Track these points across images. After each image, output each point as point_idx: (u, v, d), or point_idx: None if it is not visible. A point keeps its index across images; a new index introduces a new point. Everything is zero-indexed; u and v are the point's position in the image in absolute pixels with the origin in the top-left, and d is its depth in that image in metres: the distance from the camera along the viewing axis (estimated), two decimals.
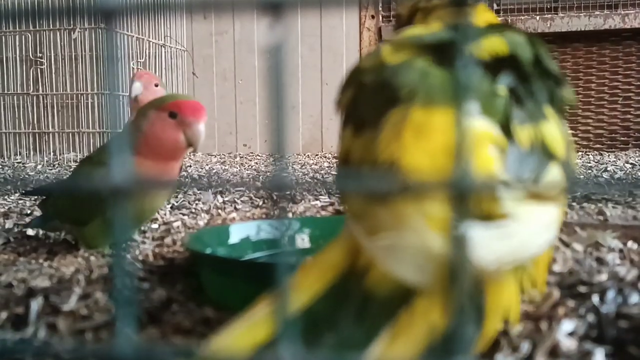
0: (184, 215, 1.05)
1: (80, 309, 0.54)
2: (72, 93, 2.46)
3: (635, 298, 0.50)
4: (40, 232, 0.92)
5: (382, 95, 0.41)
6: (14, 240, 0.89)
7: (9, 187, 1.35)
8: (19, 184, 0.91)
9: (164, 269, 0.68)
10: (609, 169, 1.77)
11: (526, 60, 0.43)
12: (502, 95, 0.41)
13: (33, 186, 0.91)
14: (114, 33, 0.25)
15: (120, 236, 0.26)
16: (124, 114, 1.67)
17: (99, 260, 0.74)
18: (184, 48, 2.74)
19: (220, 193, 1.25)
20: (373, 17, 2.65)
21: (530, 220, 0.36)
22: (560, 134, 0.42)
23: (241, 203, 1.18)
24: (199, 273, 0.61)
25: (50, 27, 2.35)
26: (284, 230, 0.25)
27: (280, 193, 0.24)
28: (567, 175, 0.41)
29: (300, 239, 0.73)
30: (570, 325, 0.45)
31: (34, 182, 1.08)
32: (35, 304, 0.55)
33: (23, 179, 1.65)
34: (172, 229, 0.93)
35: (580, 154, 2.34)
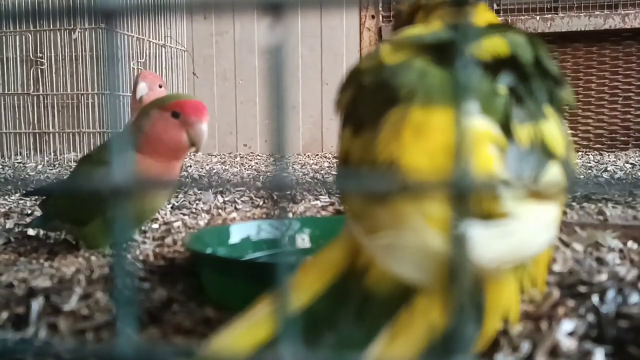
0: (184, 215, 1.05)
1: (81, 309, 0.54)
2: (73, 93, 2.45)
3: (635, 298, 0.50)
4: (40, 232, 0.92)
5: (381, 96, 0.41)
6: (14, 240, 0.89)
7: (9, 187, 1.35)
8: (20, 184, 0.91)
9: (164, 269, 0.68)
10: (609, 169, 1.77)
11: (527, 61, 0.43)
12: (502, 94, 0.41)
13: (33, 186, 0.91)
14: (114, 33, 0.25)
15: (120, 236, 0.26)
16: (124, 114, 1.67)
17: (99, 260, 0.74)
18: (184, 48, 2.74)
19: (221, 193, 1.25)
20: (373, 17, 2.65)
21: (530, 219, 0.36)
22: (560, 133, 0.42)
23: (241, 203, 1.18)
24: (199, 273, 0.61)
25: (51, 27, 2.35)
26: (284, 230, 0.25)
27: (280, 193, 0.24)
28: (567, 174, 0.41)
29: (300, 238, 0.73)
30: (570, 325, 0.45)
31: (34, 182, 1.08)
32: (36, 304, 0.55)
33: (23, 179, 1.65)
34: (173, 228, 0.93)
35: (580, 154, 2.34)
